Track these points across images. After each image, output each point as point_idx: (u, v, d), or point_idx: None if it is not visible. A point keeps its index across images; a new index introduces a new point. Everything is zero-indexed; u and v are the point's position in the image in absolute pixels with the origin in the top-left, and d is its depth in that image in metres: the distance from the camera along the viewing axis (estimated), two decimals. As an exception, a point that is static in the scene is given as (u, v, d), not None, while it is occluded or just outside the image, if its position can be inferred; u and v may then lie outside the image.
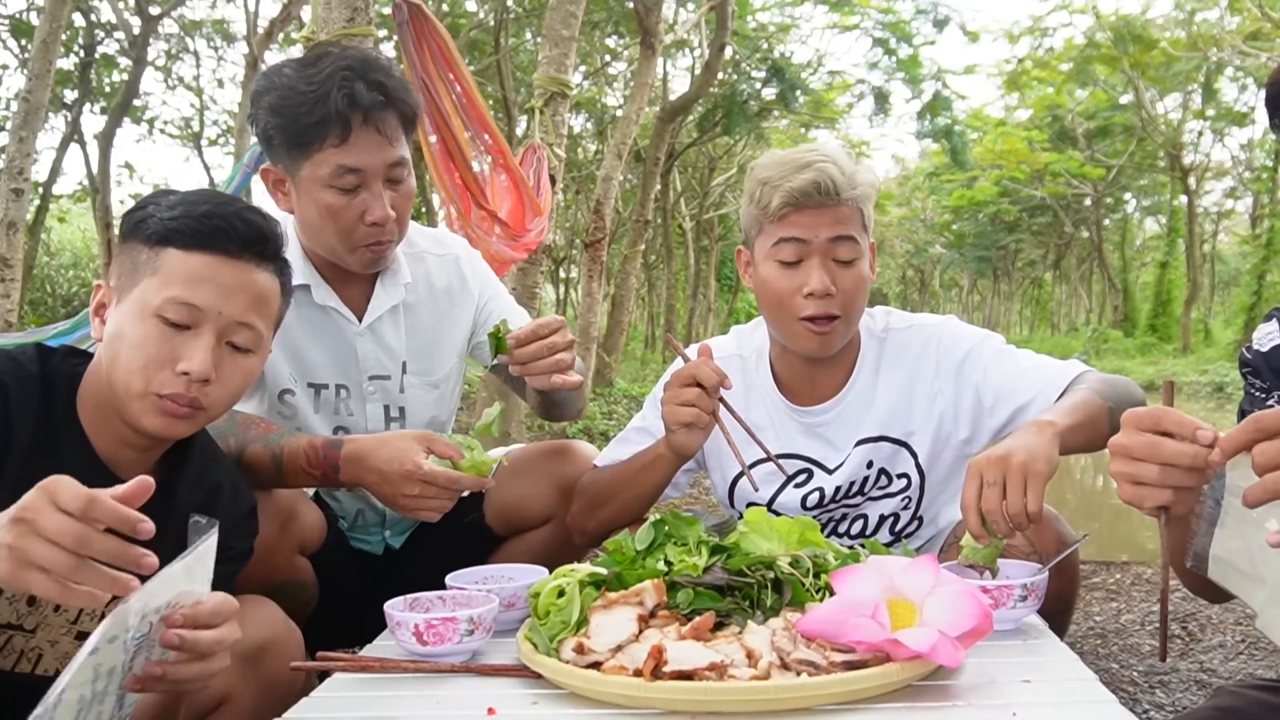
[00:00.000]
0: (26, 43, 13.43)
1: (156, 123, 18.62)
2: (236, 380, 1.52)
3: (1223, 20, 19.89)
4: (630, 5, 10.28)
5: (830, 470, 2.12)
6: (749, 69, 14.47)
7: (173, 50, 17.23)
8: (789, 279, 1.96)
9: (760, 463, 2.00)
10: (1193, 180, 26.27)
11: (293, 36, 13.76)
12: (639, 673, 1.27)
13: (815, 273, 1.94)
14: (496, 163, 4.37)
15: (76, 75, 14.86)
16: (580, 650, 1.35)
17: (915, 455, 2.11)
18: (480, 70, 14.74)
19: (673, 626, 1.39)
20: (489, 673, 1.45)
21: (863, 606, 1.33)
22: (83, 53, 14.70)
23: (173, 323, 1.45)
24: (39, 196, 13.07)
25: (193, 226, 1.47)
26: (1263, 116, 1.50)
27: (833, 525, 2.17)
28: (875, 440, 2.10)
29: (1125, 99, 24.90)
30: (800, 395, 2.13)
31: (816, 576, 1.50)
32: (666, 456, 1.94)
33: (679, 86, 16.69)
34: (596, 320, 9.51)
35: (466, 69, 4.16)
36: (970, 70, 26.53)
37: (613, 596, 1.43)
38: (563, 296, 26.14)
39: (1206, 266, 34.46)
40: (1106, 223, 34.06)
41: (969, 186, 29.62)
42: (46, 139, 14.71)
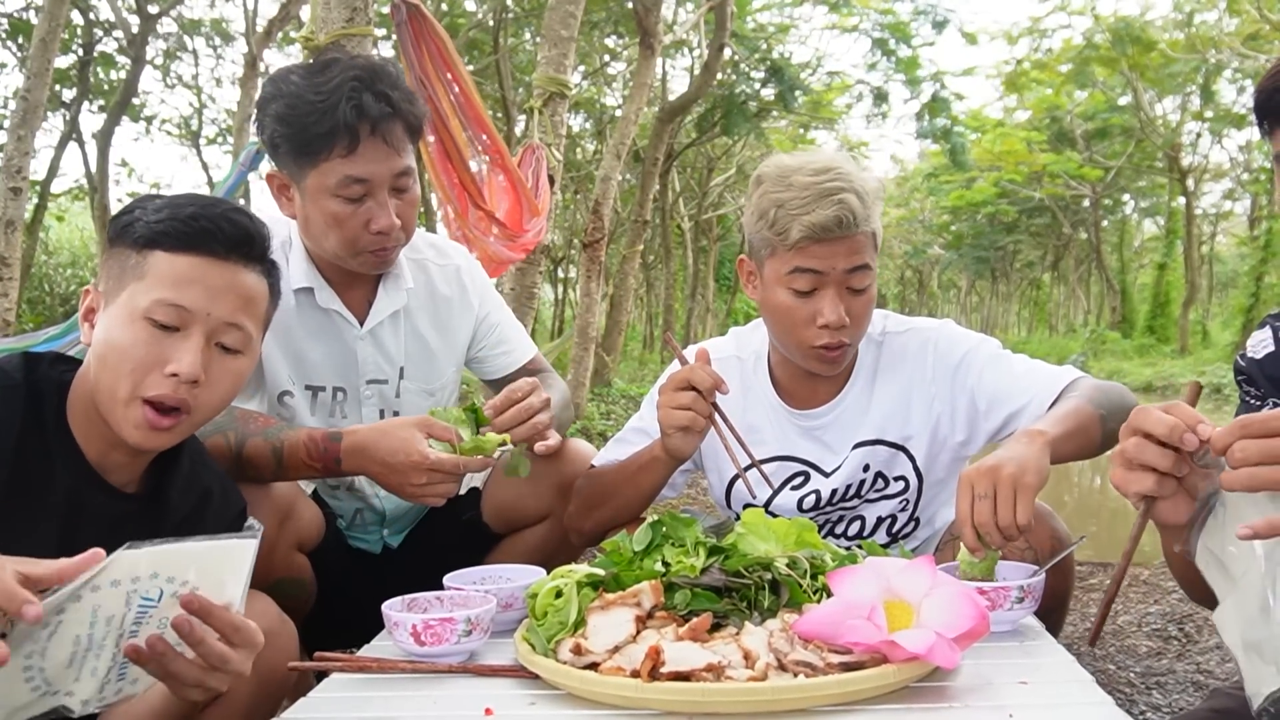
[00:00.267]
0: (25, 41, 13.42)
1: (155, 121, 18.64)
2: (226, 382, 1.51)
3: (1221, 22, 19.92)
4: (629, 5, 10.28)
5: (827, 473, 2.12)
6: (748, 69, 14.47)
7: (171, 49, 17.23)
8: (803, 308, 1.95)
9: (750, 468, 2.01)
10: (1191, 182, 26.31)
11: (291, 36, 13.78)
12: (636, 673, 1.28)
13: (830, 304, 1.92)
14: (494, 163, 4.36)
15: (75, 74, 14.85)
16: (578, 651, 1.36)
17: (913, 458, 2.11)
18: (479, 70, 14.75)
19: (670, 627, 1.39)
20: (487, 673, 1.45)
21: (860, 608, 1.34)
22: (81, 51, 14.68)
23: (161, 325, 1.44)
24: (37, 195, 13.04)
25: (179, 228, 1.46)
26: (1260, 119, 1.50)
27: (829, 527, 2.17)
28: (872, 444, 2.10)
29: (1124, 100, 24.92)
30: (798, 399, 2.14)
31: (814, 578, 1.51)
32: (662, 459, 1.95)
33: (678, 87, 16.70)
34: (595, 320, 9.50)
35: (465, 69, 4.16)
36: (969, 72, 26.56)
37: (610, 597, 1.44)
38: (561, 296, 26.16)
39: (1204, 268, 34.53)
40: (1105, 224, 34.10)
41: (967, 187, 29.64)
42: (45, 138, 14.70)
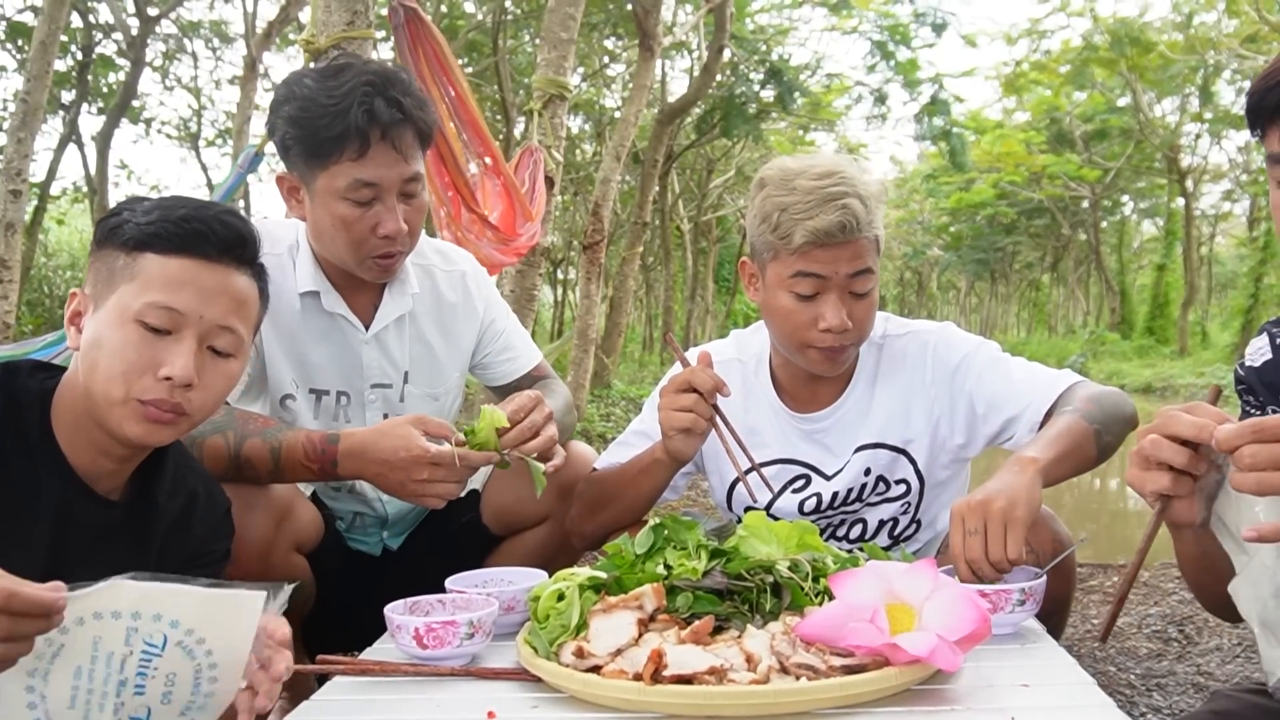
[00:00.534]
0: (24, 43, 13.42)
1: (154, 123, 18.63)
2: (219, 385, 1.50)
3: (1220, 23, 19.91)
4: (629, 7, 10.28)
5: (828, 476, 2.13)
6: (747, 71, 14.46)
7: (171, 51, 17.23)
8: (805, 311, 1.95)
9: (750, 472, 2.01)
10: (1190, 183, 26.32)
11: (290, 38, 13.78)
12: (639, 676, 1.28)
13: (832, 308, 1.93)
14: (488, 167, 4.36)
15: (74, 76, 14.85)
16: (580, 654, 1.36)
17: (914, 461, 2.11)
18: (478, 72, 14.75)
19: (672, 630, 1.40)
20: (489, 676, 1.45)
21: (862, 611, 1.34)
22: (81, 54, 14.68)
23: (153, 328, 1.43)
24: (37, 197, 13.05)
25: (171, 230, 1.45)
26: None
27: (831, 530, 2.18)
28: (874, 447, 2.10)
29: (1123, 102, 24.93)
30: (800, 401, 2.14)
31: (815, 581, 1.51)
32: (663, 461, 1.95)
33: (677, 88, 16.69)
34: (594, 322, 9.51)
35: (461, 73, 4.17)
36: (968, 73, 26.51)
37: (612, 600, 1.44)
38: (561, 298, 26.16)
39: (1204, 269, 34.55)
40: (1104, 225, 34.10)
41: (966, 189, 29.65)
42: (44, 140, 14.69)
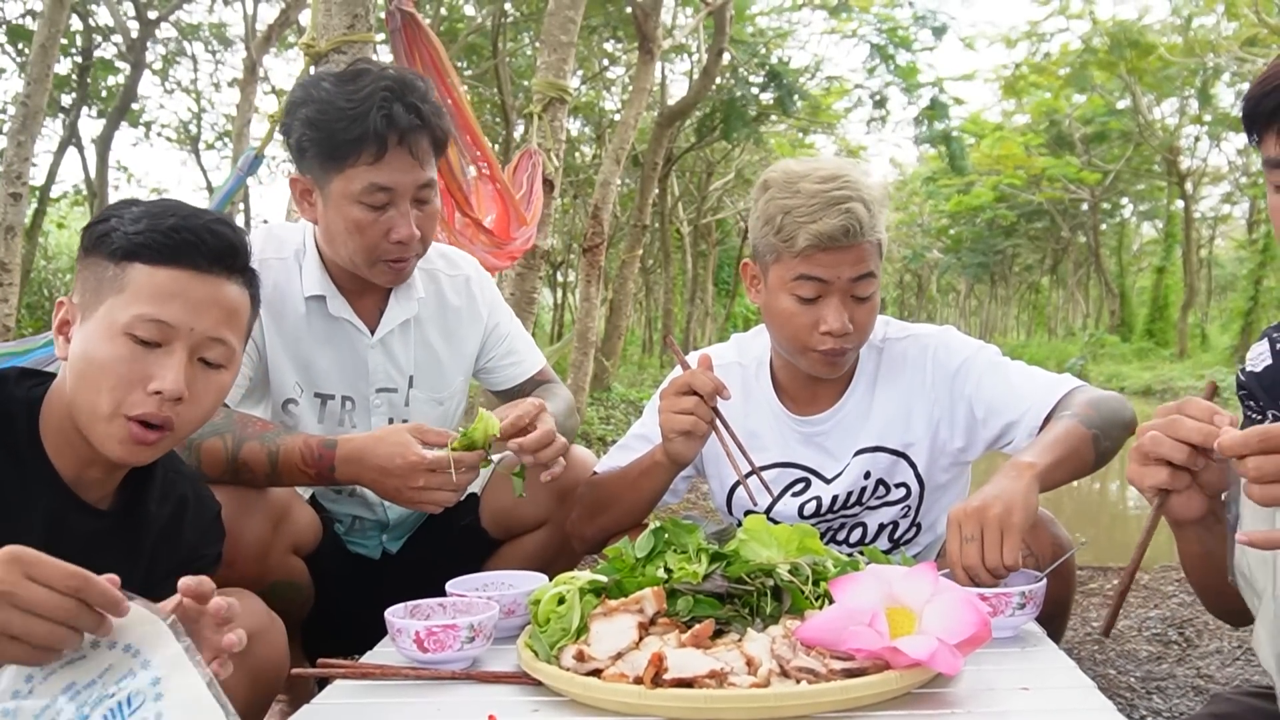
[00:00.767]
0: (24, 46, 13.43)
1: (154, 126, 18.65)
2: (209, 397, 1.47)
3: (1219, 26, 19.92)
4: (629, 10, 10.29)
5: (828, 480, 2.13)
6: (747, 74, 14.48)
7: (170, 54, 17.24)
8: (807, 314, 1.95)
9: (750, 475, 2.01)
10: (1189, 185, 26.34)
11: (290, 41, 13.80)
12: (639, 680, 1.28)
13: (834, 312, 1.93)
14: (482, 172, 4.37)
15: (74, 79, 14.86)
16: (580, 657, 1.36)
17: (914, 465, 2.11)
18: (478, 74, 14.77)
19: (673, 634, 1.40)
20: (489, 680, 1.45)
21: (862, 614, 1.34)
22: (81, 57, 14.69)
23: (143, 341, 1.40)
24: (36, 200, 13.06)
25: (160, 240, 1.41)
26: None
27: (831, 534, 2.18)
28: (873, 450, 2.10)
29: (1122, 104, 24.96)
30: (800, 404, 2.14)
31: (816, 584, 1.51)
32: (663, 464, 1.95)
33: (677, 91, 16.69)
34: (594, 324, 9.50)
35: (457, 78, 4.17)
36: (968, 77, 26.58)
37: (613, 604, 1.44)
38: (560, 301, 26.16)
39: (1203, 271, 34.57)
40: (1103, 227, 34.11)
41: (966, 191, 29.67)
42: (44, 143, 14.71)
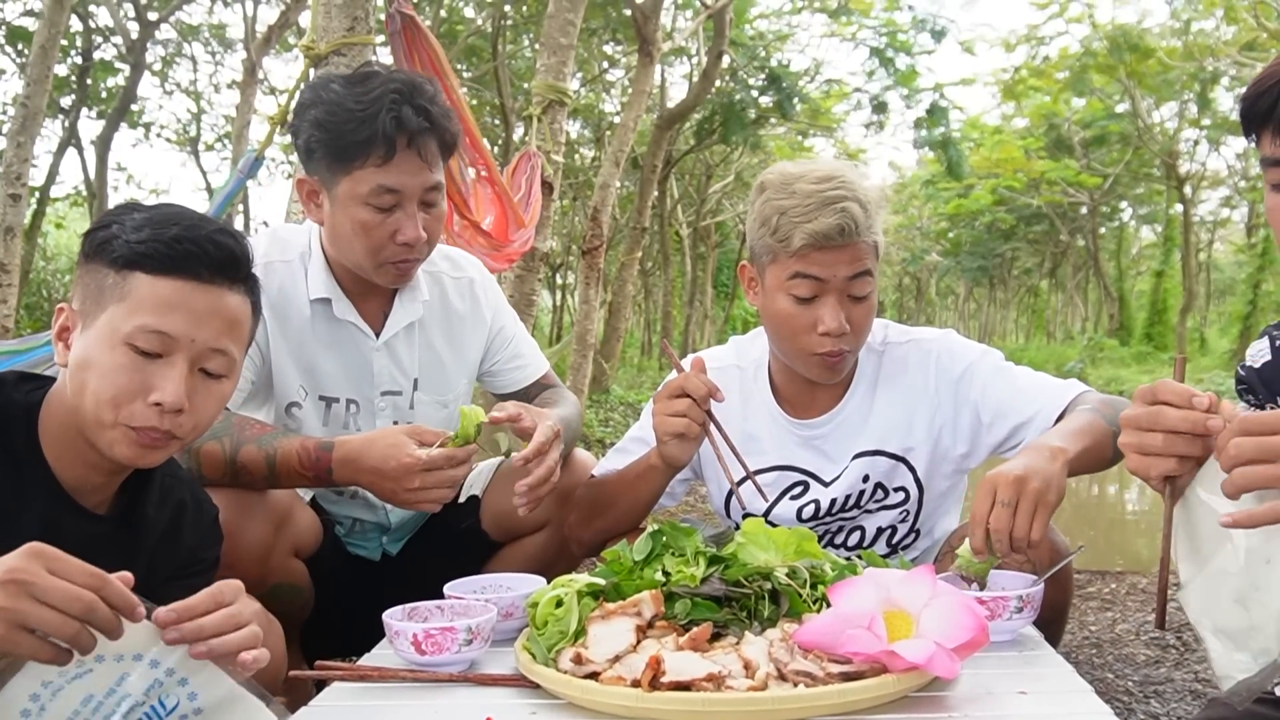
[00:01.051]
0: (24, 47, 13.44)
1: (154, 128, 18.66)
2: (210, 407, 1.47)
3: (1219, 30, 19.94)
4: (628, 13, 10.30)
5: (827, 483, 2.12)
6: (746, 77, 14.50)
7: (170, 55, 17.26)
8: (803, 315, 1.95)
9: (745, 480, 2.01)
10: (1188, 189, 26.34)
11: (290, 43, 13.80)
12: (637, 683, 1.28)
13: (831, 312, 1.93)
14: (481, 175, 4.37)
15: (74, 80, 14.87)
16: (578, 660, 1.36)
17: (914, 470, 2.11)
18: (478, 77, 14.78)
19: (670, 637, 1.40)
20: (487, 682, 1.45)
21: (859, 618, 1.34)
22: (80, 58, 14.71)
23: (144, 351, 1.39)
24: (36, 201, 13.06)
25: (162, 251, 1.40)
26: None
27: (829, 537, 2.17)
28: (872, 454, 2.10)
29: (1121, 108, 24.96)
30: (798, 408, 2.14)
31: (813, 588, 1.51)
32: (659, 467, 1.95)
33: (677, 94, 16.73)
34: (593, 327, 9.51)
35: (456, 81, 4.17)
36: (967, 82, 26.60)
37: (611, 607, 1.44)
38: (559, 303, 26.17)
39: (1202, 275, 34.60)
40: (1102, 231, 34.13)
41: (965, 195, 29.67)
42: (44, 144, 14.71)
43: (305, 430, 2.12)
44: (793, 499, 2.13)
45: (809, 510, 2.13)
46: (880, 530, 2.17)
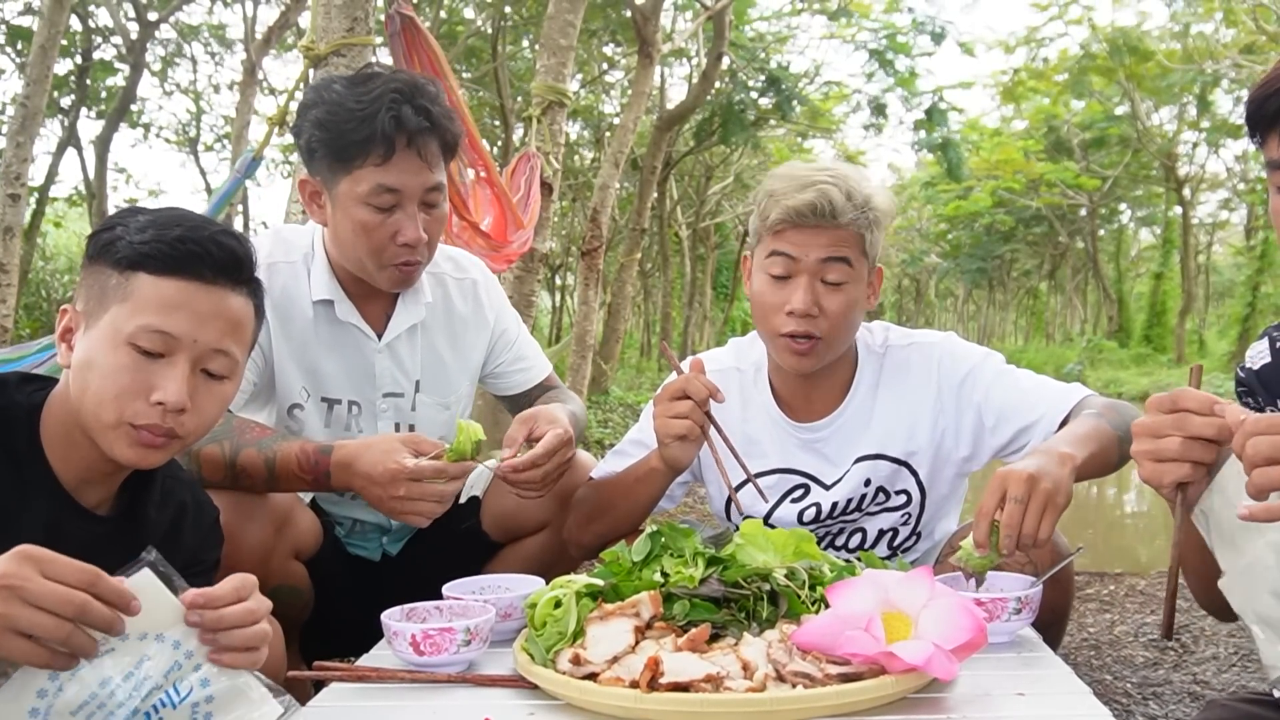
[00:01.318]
0: (24, 47, 13.44)
1: (153, 128, 18.66)
2: (212, 408, 1.48)
3: (1218, 33, 19.94)
4: (628, 14, 10.30)
5: (827, 486, 2.12)
6: (746, 78, 14.49)
7: (170, 55, 17.26)
8: (775, 294, 1.97)
9: (745, 484, 2.01)
10: (1188, 191, 26.35)
11: (290, 43, 13.80)
12: (635, 684, 1.28)
13: (799, 292, 1.94)
14: (479, 176, 4.37)
15: (74, 80, 14.87)
16: (577, 661, 1.36)
17: (916, 474, 2.11)
18: (477, 78, 14.78)
19: (669, 638, 1.40)
20: (485, 683, 1.46)
21: (858, 619, 1.34)
22: (80, 57, 14.70)
23: (146, 351, 1.40)
24: (35, 201, 13.06)
25: (165, 251, 1.41)
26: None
27: (830, 539, 2.17)
28: (874, 458, 2.10)
29: (1121, 110, 24.95)
30: (798, 411, 2.14)
31: (812, 589, 1.51)
32: (660, 469, 1.95)
33: (676, 95, 16.74)
34: (592, 328, 9.51)
35: (455, 82, 4.17)
36: (966, 85, 26.61)
37: (609, 608, 1.44)
38: (559, 304, 26.17)
39: (1201, 277, 34.61)
40: (1102, 233, 34.14)
41: (964, 197, 29.65)
42: (43, 144, 14.70)
43: (307, 432, 2.12)
44: (793, 502, 2.13)
45: (810, 513, 2.12)
46: (882, 533, 2.17)
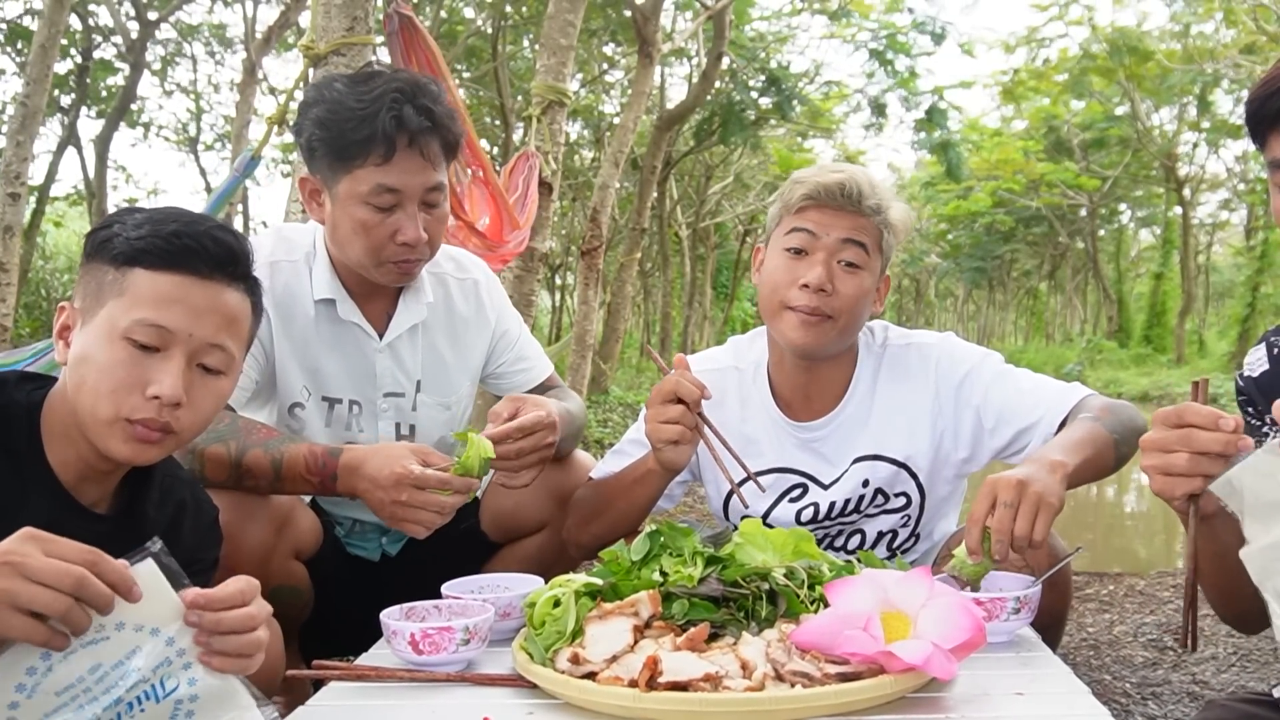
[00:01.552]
0: (24, 46, 13.44)
1: (153, 127, 18.67)
2: (208, 403, 1.48)
3: (1218, 33, 19.94)
4: (628, 14, 10.30)
5: (826, 486, 2.12)
6: (746, 78, 14.49)
7: (170, 55, 17.26)
8: (790, 270, 1.98)
9: (746, 481, 2.01)
10: (1187, 192, 26.35)
11: (290, 43, 13.80)
12: (634, 683, 1.28)
13: (817, 268, 1.96)
14: (476, 176, 4.37)
15: (74, 79, 14.87)
16: (575, 660, 1.36)
17: (915, 476, 2.10)
18: (477, 77, 14.77)
19: (668, 637, 1.40)
20: (484, 682, 1.46)
21: (857, 618, 1.34)
22: (80, 57, 14.71)
23: (142, 345, 1.40)
24: (35, 200, 13.06)
25: (161, 246, 1.41)
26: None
27: (829, 540, 2.17)
28: (873, 459, 2.10)
29: (1121, 110, 24.95)
30: (797, 410, 2.14)
31: (811, 588, 1.51)
32: (656, 471, 1.95)
33: (676, 95, 16.74)
34: (592, 327, 9.51)
35: (453, 82, 4.17)
36: (966, 85, 26.58)
37: (608, 607, 1.44)
38: (559, 303, 26.17)
39: (1201, 278, 34.60)
40: (1101, 233, 34.14)
41: (964, 197, 29.64)
42: (43, 143, 14.71)
43: (308, 431, 2.12)
44: (791, 501, 2.13)
45: (808, 513, 2.12)
46: (881, 534, 2.17)
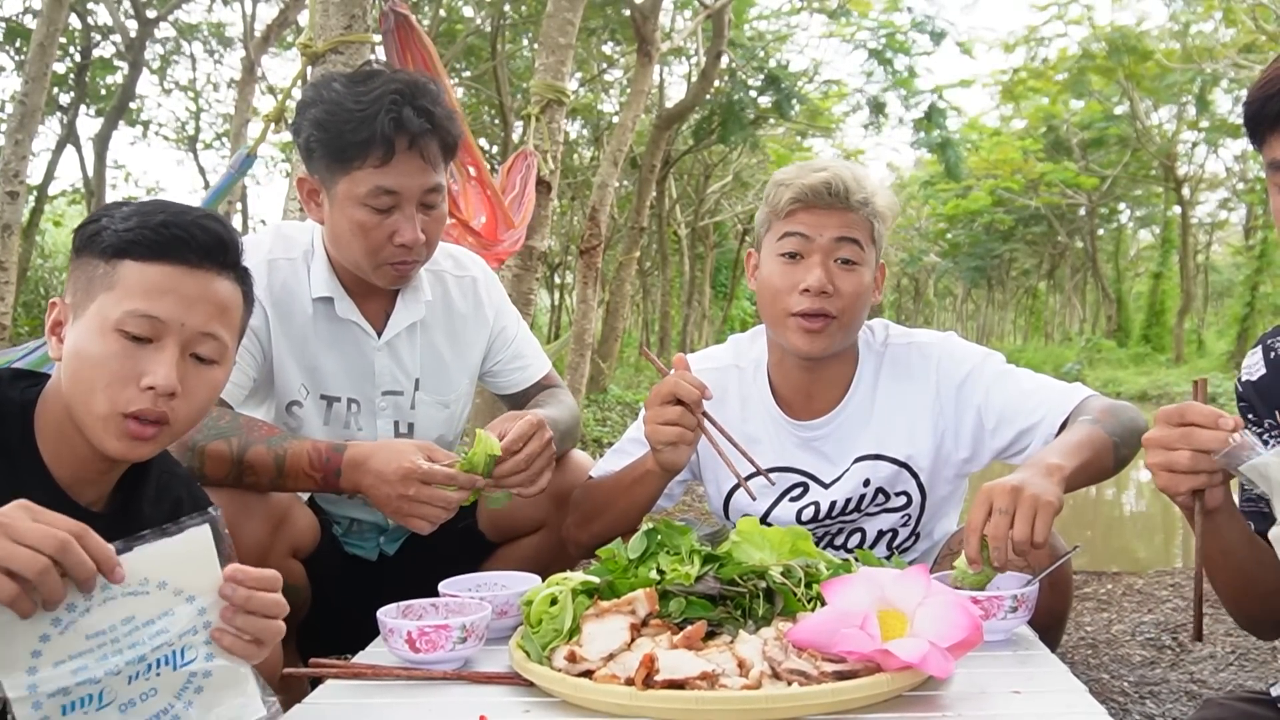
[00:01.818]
0: (23, 45, 13.43)
1: (152, 126, 18.65)
2: (202, 393, 1.47)
3: (1217, 32, 19.93)
4: (627, 13, 10.29)
5: (826, 485, 2.12)
6: (745, 77, 14.49)
7: (169, 54, 17.24)
8: (788, 275, 1.98)
9: (753, 477, 2.00)
10: (1187, 191, 26.36)
11: (288, 41, 13.79)
12: (631, 681, 1.28)
13: (814, 270, 1.95)
14: (470, 175, 4.37)
15: (72, 78, 14.86)
16: (572, 658, 1.36)
17: (916, 475, 2.10)
18: (476, 76, 14.77)
19: (665, 635, 1.40)
20: (481, 680, 1.46)
21: (854, 617, 1.34)
22: (79, 55, 14.69)
23: (134, 336, 1.39)
24: (34, 199, 13.05)
25: (149, 237, 1.41)
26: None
27: (829, 539, 2.17)
28: (874, 459, 2.09)
29: (1120, 110, 24.96)
30: (797, 409, 2.13)
31: (808, 586, 1.51)
32: (655, 472, 1.94)
33: (675, 94, 16.72)
34: (591, 326, 9.49)
35: (449, 81, 4.17)
36: (966, 84, 26.58)
37: (605, 605, 1.44)
38: (558, 302, 26.17)
39: (1200, 277, 34.63)
40: (1101, 233, 34.15)
41: (963, 196, 29.67)
42: (42, 141, 14.71)
43: (306, 429, 2.12)
44: (792, 500, 2.13)
45: (809, 512, 2.12)
46: (881, 533, 2.17)
